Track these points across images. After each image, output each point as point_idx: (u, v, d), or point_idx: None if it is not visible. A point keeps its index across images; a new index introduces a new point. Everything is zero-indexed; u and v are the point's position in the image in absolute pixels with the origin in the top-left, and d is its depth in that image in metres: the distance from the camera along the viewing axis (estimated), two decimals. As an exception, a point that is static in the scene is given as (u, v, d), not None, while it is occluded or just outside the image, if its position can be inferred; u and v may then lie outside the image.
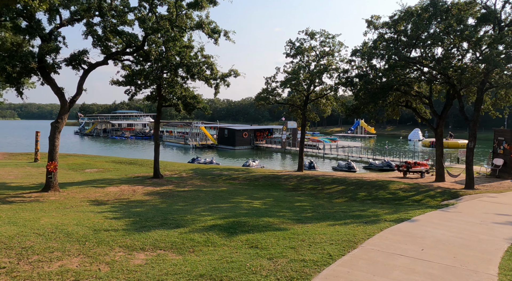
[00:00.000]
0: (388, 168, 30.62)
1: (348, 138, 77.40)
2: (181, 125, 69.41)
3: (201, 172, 23.20)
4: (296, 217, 9.54)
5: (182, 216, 8.97)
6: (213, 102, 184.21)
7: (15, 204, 10.62)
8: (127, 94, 18.33)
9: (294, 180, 19.63)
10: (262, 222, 8.41)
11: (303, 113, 24.76)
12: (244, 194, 14.67)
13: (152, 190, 14.97)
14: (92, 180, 18.28)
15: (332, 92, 25.12)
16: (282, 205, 12.14)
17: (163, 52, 15.67)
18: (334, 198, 15.30)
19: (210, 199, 12.75)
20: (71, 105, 14.34)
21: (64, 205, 10.74)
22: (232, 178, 20.68)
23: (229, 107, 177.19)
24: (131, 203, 11.63)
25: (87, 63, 14.51)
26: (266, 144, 54.05)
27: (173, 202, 11.90)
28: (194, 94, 18.57)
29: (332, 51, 24.48)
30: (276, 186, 18.48)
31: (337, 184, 18.32)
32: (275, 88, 24.82)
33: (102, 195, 13.42)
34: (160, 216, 8.89)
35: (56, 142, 13.82)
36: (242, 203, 12.04)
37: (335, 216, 9.67)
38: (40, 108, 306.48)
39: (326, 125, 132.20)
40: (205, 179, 20.24)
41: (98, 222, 7.87)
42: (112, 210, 9.82)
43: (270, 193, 15.76)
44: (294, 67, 24.68)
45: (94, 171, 24.30)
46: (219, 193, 14.34)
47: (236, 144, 51.05)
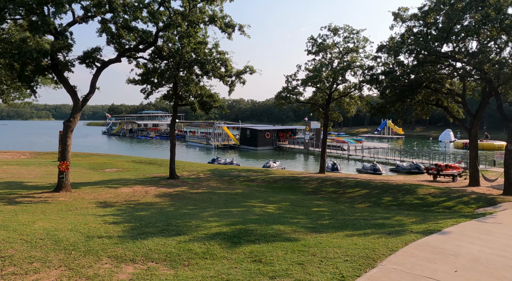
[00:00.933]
0: (417, 170, 28.98)
1: (375, 139, 75.03)
2: (204, 125, 69.50)
3: (219, 172, 22.64)
4: (311, 224, 8.68)
5: (186, 222, 8.32)
6: (237, 103, 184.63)
7: (20, 205, 10.34)
8: (143, 93, 18.00)
9: (315, 183, 18.67)
10: (272, 230, 7.62)
11: (325, 112, 23.72)
12: (260, 197, 13.91)
13: (165, 191, 14.48)
14: (108, 180, 18.08)
15: (356, 90, 23.94)
16: (298, 210, 11.29)
17: (178, 49, 15.17)
18: (356, 203, 14.26)
19: (222, 202, 12.07)
20: (83, 104, 14.08)
21: (69, 207, 10.36)
22: (250, 180, 19.97)
23: (253, 107, 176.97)
24: (139, 205, 11.13)
25: (100, 61, 14.21)
26: (288, 144, 53.06)
27: (183, 205, 11.31)
28: (211, 93, 18.02)
29: (356, 48, 23.30)
30: (295, 188, 17.59)
31: (360, 187, 17.22)
32: (296, 86, 23.91)
33: (113, 196, 13.04)
34: (163, 221, 8.28)
35: (68, 141, 13.58)
36: (255, 207, 11.28)
37: (355, 225, 8.73)
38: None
39: (351, 126, 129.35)
40: (222, 180, 19.63)
41: (94, 227, 7.33)
42: (116, 213, 9.31)
43: (288, 196, 14.92)
44: (316, 64, 23.69)
45: (114, 170, 24.28)
46: (232, 196, 13.65)
47: (258, 144, 50.37)
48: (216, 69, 15.17)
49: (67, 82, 13.60)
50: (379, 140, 70.52)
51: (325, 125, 24.45)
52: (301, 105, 26.34)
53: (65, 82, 13.55)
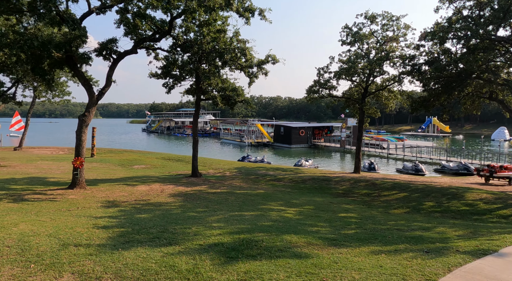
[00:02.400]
0: (466, 171, 26.22)
1: (418, 137, 70.70)
2: (238, 123, 69.00)
3: (246, 171, 21.61)
4: (332, 234, 7.31)
5: (185, 228, 7.28)
6: (274, 100, 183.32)
7: (22, 203, 9.87)
8: (165, 87, 17.32)
9: (347, 184, 17.06)
10: (281, 242, 6.37)
11: (360, 108, 21.89)
12: (282, 198, 12.64)
13: (182, 190, 13.63)
14: (130, 177, 17.63)
15: (396, 83, 21.84)
16: (322, 215, 9.91)
17: (197, 39, 14.25)
18: (392, 208, 12.57)
19: (237, 204, 10.95)
20: (99, 98, 13.55)
21: (71, 206, 9.73)
22: (277, 179, 18.72)
23: (290, 105, 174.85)
24: (146, 206, 10.29)
25: (116, 53, 13.62)
26: (324, 142, 51.04)
27: (193, 206, 10.33)
28: (235, 87, 16.96)
29: (396, 36, 21.23)
30: (324, 189, 16.11)
31: (398, 189, 15.41)
32: (329, 80, 22.27)
33: (126, 194, 12.37)
34: (160, 226, 7.30)
35: (83, 137, 13.10)
36: (273, 210, 10.05)
37: (385, 237, 7.25)
38: (118, 108, 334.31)
39: (393, 124, 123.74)
40: (246, 179, 18.55)
41: (78, 232, 6.49)
42: (114, 215, 8.49)
43: (314, 198, 13.52)
44: (351, 56, 21.90)
45: (141, 167, 24.03)
46: (252, 197, 12.50)
47: (292, 142, 48.86)
48: (235, 60, 14.09)
49: (82, 76, 13.12)
50: (423, 138, 66.26)
51: (361, 122, 22.60)
52: (335, 101, 24.61)
53: (80, 76, 13.07)
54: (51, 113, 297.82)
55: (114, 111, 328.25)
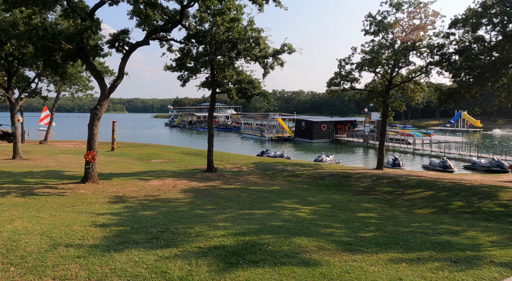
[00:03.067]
0: (499, 169, 24.64)
1: (447, 132, 67.91)
2: (259, 117, 68.40)
3: (263, 166, 21.05)
4: (348, 237, 6.65)
5: (188, 227, 6.81)
6: (297, 95, 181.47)
7: (28, 198, 9.70)
8: (180, 80, 16.94)
9: (368, 180, 16.19)
10: (289, 246, 5.78)
11: (384, 100, 20.80)
12: (297, 196, 12.00)
13: (194, 185, 13.23)
14: (145, 171, 17.44)
15: (423, 74, 20.60)
16: (339, 215, 9.22)
17: (210, 29, 13.72)
18: (416, 208, 11.68)
19: (249, 201, 10.41)
20: (111, 91, 13.29)
21: (79, 201, 9.47)
22: (295, 175, 18.06)
23: (313, 99, 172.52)
24: (153, 202, 9.92)
25: (129, 44, 13.30)
26: (347, 137, 49.73)
27: (202, 203, 9.86)
28: (251, 79, 16.36)
29: (423, 24, 19.94)
30: (344, 186, 15.33)
31: (424, 187, 14.43)
32: (351, 71, 21.27)
33: (137, 189, 12.08)
34: (162, 226, 6.85)
35: (95, 130, 12.90)
36: (286, 209, 9.44)
37: (408, 242, 6.51)
38: (143, 103, 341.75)
39: (420, 118, 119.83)
40: (263, 175, 17.99)
41: (73, 231, 6.13)
42: (117, 212, 8.14)
43: (332, 196, 12.79)
44: (374, 46, 20.79)
45: (159, 161, 23.92)
46: (265, 194, 11.92)
47: (313, 136, 47.86)
48: (250, 50, 13.47)
49: (94, 68, 12.88)
50: (452, 133, 63.54)
51: (384, 115, 21.51)
52: (357, 93, 23.57)
53: (91, 68, 12.85)
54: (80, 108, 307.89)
55: (139, 106, 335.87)
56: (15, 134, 21.23)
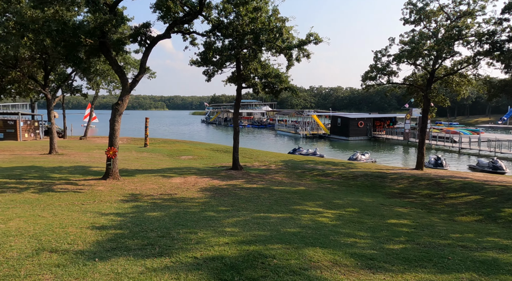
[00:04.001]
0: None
1: (498, 130, 62.91)
2: (294, 114, 67.14)
3: (292, 164, 20.19)
4: (371, 250, 5.74)
5: (191, 232, 6.21)
6: (335, 91, 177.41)
7: (44, 194, 9.60)
8: (205, 75, 16.49)
9: (405, 182, 14.86)
10: (298, 259, 5.00)
11: (425, 95, 19.14)
12: (323, 198, 11.08)
13: (215, 184, 12.70)
14: (171, 168, 17.21)
15: (470, 66, 18.70)
16: (366, 221, 8.24)
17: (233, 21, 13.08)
18: (458, 214, 10.36)
19: (268, 203, 9.67)
20: (133, 86, 13.05)
21: (91, 199, 9.22)
22: (325, 174, 17.05)
23: (352, 95, 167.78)
24: (168, 201, 9.46)
25: (150, 38, 12.98)
26: (386, 134, 47.37)
27: (217, 204, 9.26)
28: (278, 73, 15.56)
29: (472, 10, 18.04)
30: (377, 188, 14.14)
31: (469, 191, 12.93)
32: (388, 64, 19.78)
33: (156, 187, 11.74)
34: (163, 229, 6.31)
35: (116, 126, 12.69)
36: (306, 213, 8.60)
37: (444, 258, 5.49)
38: (183, 100, 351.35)
39: (468, 115, 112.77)
40: (291, 173, 17.15)
41: (68, 233, 5.74)
42: (125, 212, 7.73)
43: (362, 198, 11.72)
44: (415, 36, 19.16)
45: (188, 158, 23.78)
46: (288, 195, 11.12)
47: (350, 134, 46.04)
48: (273, 41, 12.65)
49: (115, 63, 12.69)
50: (505, 131, 58.71)
51: (425, 111, 19.83)
52: (394, 87, 21.96)
53: (113, 63, 12.66)
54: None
55: (179, 104, 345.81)
56: (51, 130, 21.89)
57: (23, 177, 12.44)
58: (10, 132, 33.54)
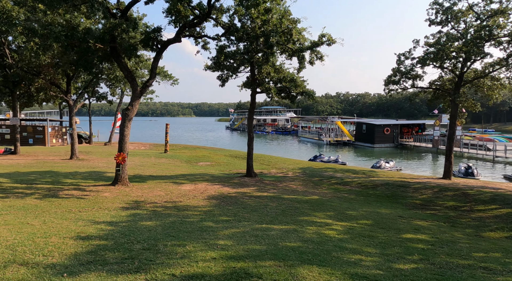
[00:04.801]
0: None
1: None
2: (318, 120, 65.99)
3: (310, 172, 19.49)
4: (377, 270, 5.07)
5: (180, 245, 5.78)
6: (362, 97, 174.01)
7: (47, 199, 9.50)
8: (219, 80, 16.21)
9: (428, 192, 13.85)
10: (287, 280, 4.44)
11: (452, 100, 17.98)
12: (336, 208, 10.38)
13: (224, 191, 12.27)
14: (185, 174, 16.97)
15: (503, 68, 17.43)
16: (378, 235, 7.51)
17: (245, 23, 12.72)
18: (486, 229, 9.37)
19: (274, 213, 9.11)
20: (143, 91, 12.93)
21: (91, 206, 9.01)
22: (343, 183, 16.26)
23: (380, 102, 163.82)
24: (169, 209, 9.11)
25: (161, 43, 12.84)
26: (414, 142, 45.48)
27: (220, 213, 8.81)
28: (293, 77, 15.05)
29: (504, 8, 16.84)
30: (397, 198, 13.23)
31: (500, 203, 11.81)
32: (412, 67, 18.78)
33: (163, 194, 11.45)
34: (151, 241, 5.92)
35: (125, 132, 12.59)
36: (313, 225, 7.97)
37: (461, 284, 4.75)
38: (210, 107, 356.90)
39: (505, 122, 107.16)
40: (307, 181, 16.47)
41: (48, 243, 5.46)
42: (119, 220, 7.42)
43: (379, 209, 10.92)
44: (441, 37, 18.10)
45: (206, 164, 23.56)
46: (298, 204, 10.50)
47: (375, 140, 44.54)
48: (284, 43, 12.15)
49: (125, 67, 12.62)
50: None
51: (453, 117, 18.62)
52: (420, 92, 20.85)
53: (123, 67, 12.60)
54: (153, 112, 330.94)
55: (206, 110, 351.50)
56: (72, 135, 22.30)
57: (35, 182, 12.53)
58: (39, 138, 34.73)
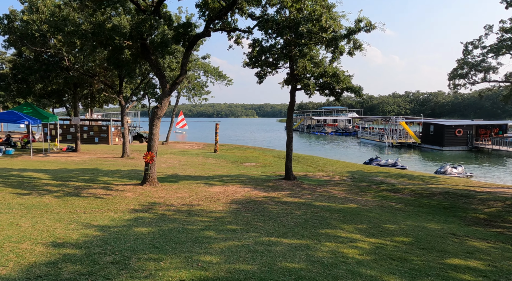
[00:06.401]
0: None
1: None
2: (380, 120, 61.88)
3: (359, 176, 17.77)
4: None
5: (156, 259, 5.02)
6: (434, 96, 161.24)
7: (62, 198, 9.42)
8: (257, 76, 15.38)
9: (499, 204, 11.53)
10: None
11: (535, 94, 15.04)
12: (371, 220, 8.88)
13: (252, 195, 11.37)
14: (221, 175, 16.43)
15: None
16: (412, 258, 6.02)
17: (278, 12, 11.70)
18: None
19: (294, 223, 7.96)
20: (172, 88, 12.56)
21: (103, 207, 8.70)
22: (394, 189, 14.42)
23: (455, 101, 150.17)
24: (181, 213, 8.45)
25: (190, 38, 12.37)
26: (492, 145, 40.22)
27: (231, 220, 7.91)
28: (336, 71, 13.65)
29: None
30: (456, 210, 11.17)
31: None
32: (483, 58, 16.15)
33: (186, 196, 10.91)
34: (127, 253, 5.25)
35: (154, 130, 12.30)
36: (333, 240, 6.70)
37: None
38: (272, 108, 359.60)
39: None
40: (352, 187, 14.89)
41: (13, 250, 5.06)
42: (114, 224, 6.91)
43: (427, 223, 9.15)
44: (521, 20, 15.25)
45: (251, 165, 22.91)
46: (327, 214, 9.20)
47: (444, 143, 40.25)
48: (318, 32, 10.84)
49: (155, 65, 12.35)
50: None
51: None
52: (495, 88, 17.90)
53: (153, 65, 12.34)
54: (218, 113, 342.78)
55: (268, 111, 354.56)
56: (124, 134, 23.09)
57: (72, 179, 12.81)
58: (103, 137, 37.09)
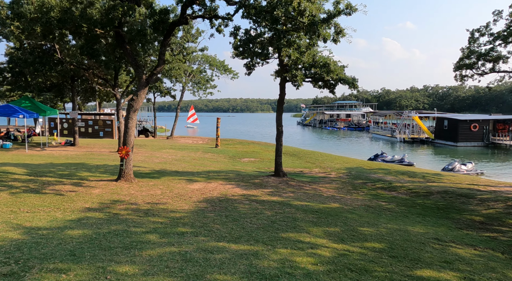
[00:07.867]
0: None
1: None
2: (392, 115, 59.97)
3: (357, 173, 16.82)
4: None
5: (59, 270, 4.40)
6: (454, 90, 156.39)
7: (17, 195, 8.91)
8: (246, 68, 14.58)
9: (499, 206, 10.45)
10: None
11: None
12: (348, 222, 8.00)
13: (229, 193, 10.64)
14: (210, 171, 15.79)
15: None
16: (375, 269, 5.17)
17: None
18: None
19: (256, 226, 7.19)
20: (149, 79, 11.90)
21: (57, 205, 8.16)
22: (389, 188, 13.45)
23: (476, 95, 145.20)
24: (136, 213, 7.82)
25: (166, 26, 11.67)
26: (510, 140, 38.24)
27: (187, 222, 7.20)
28: (326, 61, 12.74)
29: None
30: (451, 212, 10.15)
31: None
32: (492, 46, 14.85)
33: (159, 193, 10.29)
34: (30, 263, 4.65)
35: (129, 123, 11.71)
36: (290, 246, 5.91)
37: None
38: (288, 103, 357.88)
39: None
40: (346, 185, 13.99)
41: None
42: (46, 226, 6.34)
43: (411, 226, 8.20)
44: (534, 3, 13.89)
45: (249, 160, 22.22)
46: (301, 214, 8.37)
47: (459, 138, 38.50)
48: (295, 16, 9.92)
49: (130, 54, 11.71)
50: None
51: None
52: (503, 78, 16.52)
53: (127, 54, 11.71)
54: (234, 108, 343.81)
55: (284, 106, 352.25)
56: (119, 129, 22.71)
57: (46, 174, 12.39)
58: (108, 131, 37.11)
